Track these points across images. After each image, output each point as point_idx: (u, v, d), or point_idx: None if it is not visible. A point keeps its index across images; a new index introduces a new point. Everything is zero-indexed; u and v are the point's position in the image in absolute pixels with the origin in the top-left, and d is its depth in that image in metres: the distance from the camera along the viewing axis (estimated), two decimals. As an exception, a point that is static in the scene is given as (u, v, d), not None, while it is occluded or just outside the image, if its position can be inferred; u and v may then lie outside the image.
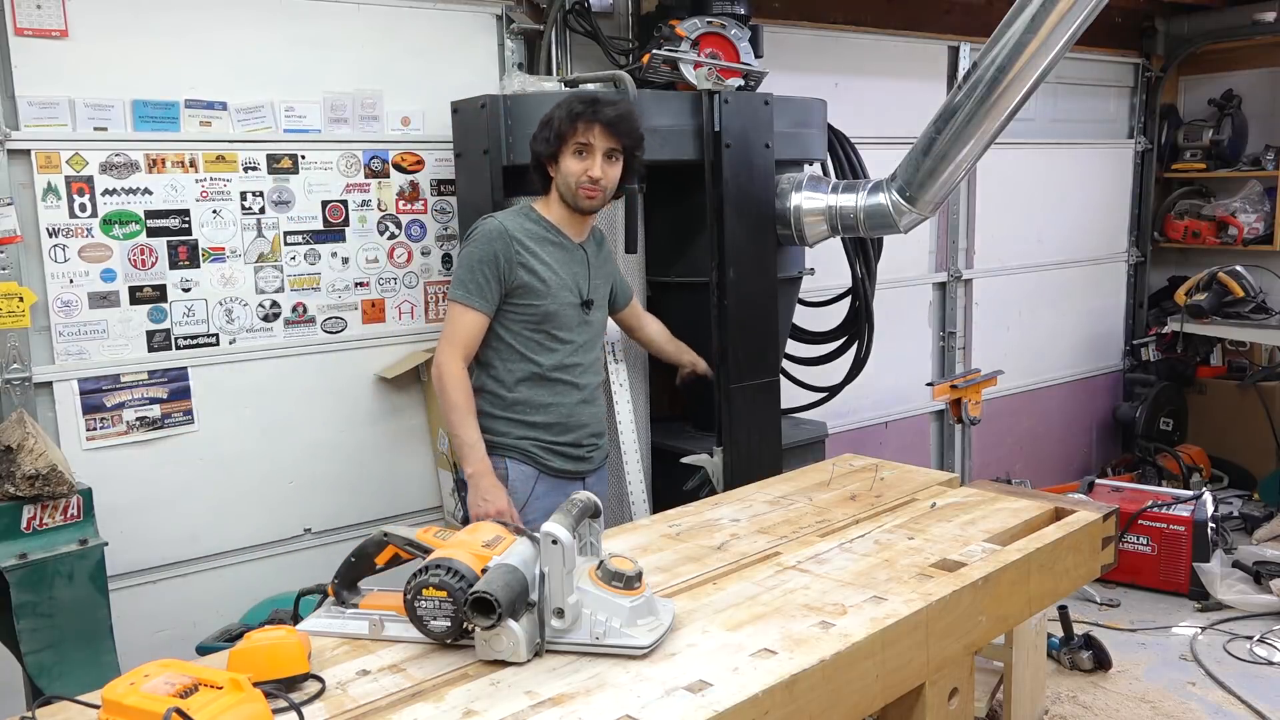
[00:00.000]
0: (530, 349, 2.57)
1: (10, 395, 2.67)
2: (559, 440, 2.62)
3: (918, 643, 1.69)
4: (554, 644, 1.55)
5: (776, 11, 4.05)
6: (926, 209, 3.17)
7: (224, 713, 1.25)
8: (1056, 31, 2.67)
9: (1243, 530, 4.83)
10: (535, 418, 2.59)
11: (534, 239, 2.55)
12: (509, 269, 2.50)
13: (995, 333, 5.20)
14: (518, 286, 2.52)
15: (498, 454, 2.57)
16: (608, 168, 2.52)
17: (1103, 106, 5.68)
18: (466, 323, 2.51)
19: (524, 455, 2.60)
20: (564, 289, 2.57)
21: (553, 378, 2.58)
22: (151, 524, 2.91)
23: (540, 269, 2.53)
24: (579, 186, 2.51)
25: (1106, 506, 2.25)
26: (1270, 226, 5.48)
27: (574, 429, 2.64)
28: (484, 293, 2.50)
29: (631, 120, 2.54)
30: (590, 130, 2.47)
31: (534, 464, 2.61)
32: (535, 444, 2.60)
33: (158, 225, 2.86)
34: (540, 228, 2.58)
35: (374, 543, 1.69)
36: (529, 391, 2.58)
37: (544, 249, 2.56)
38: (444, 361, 2.51)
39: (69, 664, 2.29)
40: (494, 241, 2.50)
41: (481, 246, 2.51)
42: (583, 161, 2.49)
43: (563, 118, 2.48)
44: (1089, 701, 3.39)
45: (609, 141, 2.49)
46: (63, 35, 2.69)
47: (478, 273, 2.50)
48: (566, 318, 2.58)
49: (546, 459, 2.62)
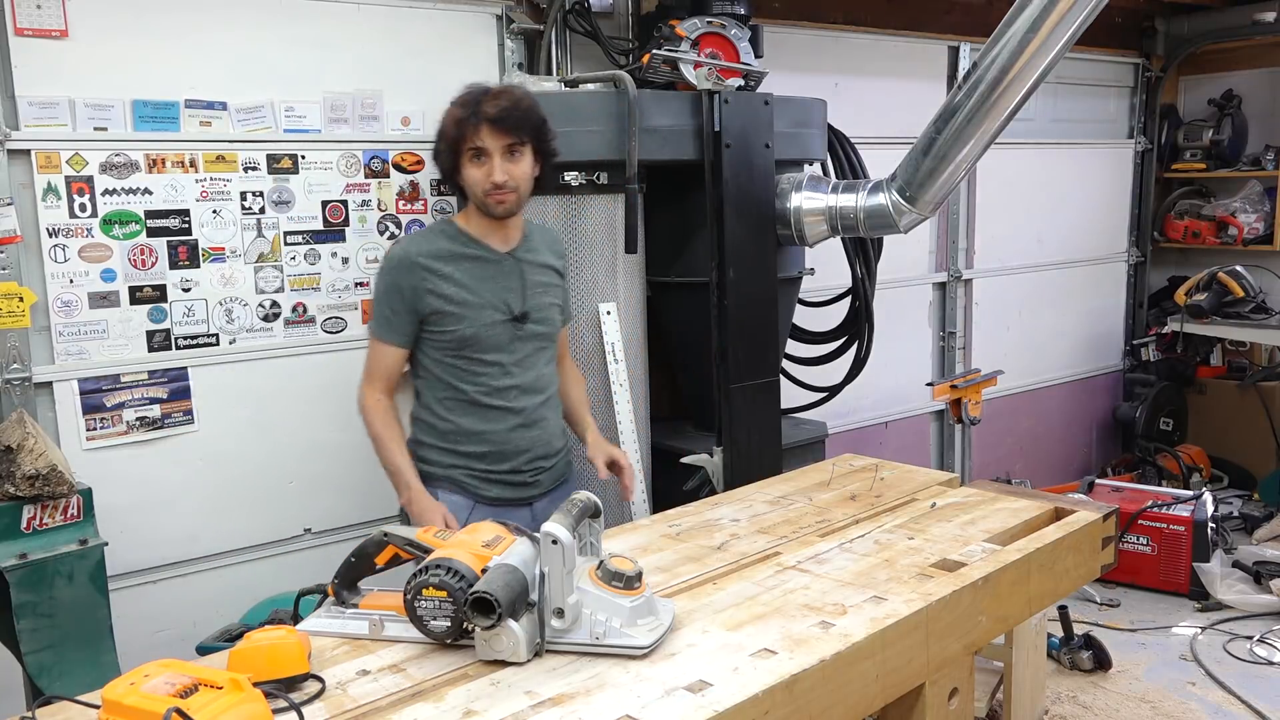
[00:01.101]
0: (454, 375, 2.39)
1: (10, 395, 2.67)
2: (495, 469, 2.44)
3: (918, 643, 1.69)
4: (554, 644, 1.55)
5: (776, 11, 4.05)
6: (926, 209, 3.17)
7: (224, 713, 1.25)
8: (1056, 31, 2.67)
9: (1243, 530, 4.83)
10: (467, 447, 2.42)
11: (446, 259, 2.36)
12: (415, 297, 2.34)
13: (995, 333, 5.20)
14: (431, 313, 2.35)
15: (431, 484, 2.41)
16: (511, 166, 2.31)
17: (1103, 106, 5.68)
18: (380, 357, 2.39)
19: (456, 485, 2.43)
20: (485, 308, 2.37)
21: (483, 403, 2.40)
22: (151, 524, 2.91)
23: (452, 291, 2.34)
24: (486, 194, 2.32)
25: (1106, 506, 2.25)
26: (1270, 226, 5.48)
27: (511, 456, 2.44)
28: (392, 325, 2.36)
29: (521, 109, 2.32)
30: (478, 133, 2.28)
31: (467, 493, 2.43)
32: (467, 473, 2.43)
33: (158, 225, 2.86)
34: (457, 244, 2.39)
35: (374, 543, 1.69)
36: (459, 419, 2.41)
37: (459, 267, 2.36)
38: (360, 397, 2.41)
39: (69, 664, 2.29)
40: (395, 271, 2.35)
41: (385, 278, 2.37)
42: (482, 167, 2.31)
43: (449, 125, 2.33)
44: (1089, 701, 3.39)
45: (503, 139, 2.29)
46: (63, 35, 2.69)
47: (384, 305, 2.37)
48: (491, 338, 2.38)
49: (481, 488, 2.44)
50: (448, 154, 2.34)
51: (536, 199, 2.98)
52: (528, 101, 2.35)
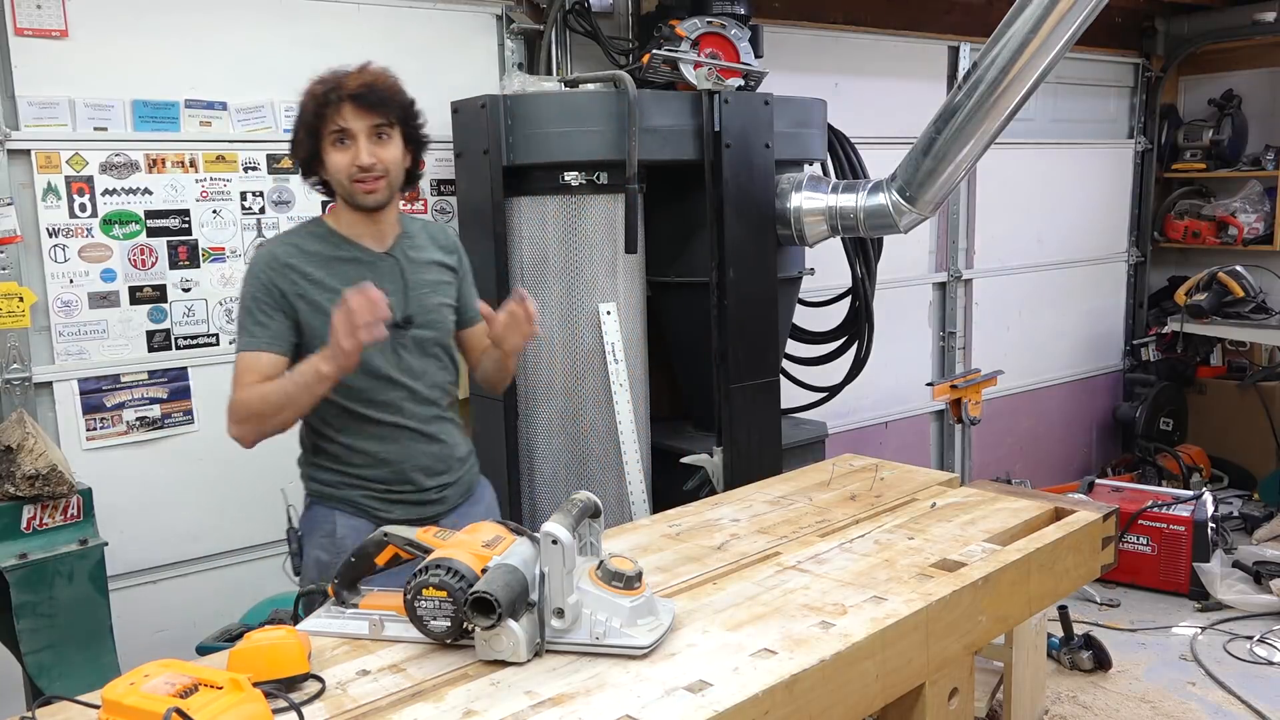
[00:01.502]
0: (339, 393, 2.08)
1: (10, 395, 2.67)
2: (395, 488, 2.18)
3: (918, 643, 1.69)
4: (554, 644, 1.55)
5: (776, 11, 4.05)
6: (926, 209, 3.17)
7: (224, 713, 1.25)
8: (1057, 31, 2.67)
9: (1243, 530, 4.83)
10: (361, 467, 2.17)
11: (316, 262, 2.10)
12: (287, 301, 2.07)
13: (995, 333, 5.20)
14: (305, 323, 2.09)
15: (326, 505, 2.19)
16: (379, 149, 2.07)
17: (1103, 106, 5.68)
18: (256, 365, 2.05)
19: (355, 507, 2.18)
20: None
21: (373, 419, 2.14)
22: (151, 524, 2.91)
23: (322, 298, 2.06)
24: (352, 181, 2.07)
25: (1106, 506, 2.25)
26: (1270, 226, 5.48)
27: (411, 473, 2.19)
28: (268, 330, 2.06)
29: (384, 86, 2.09)
30: (340, 112, 2.04)
31: (368, 516, 2.17)
32: (366, 494, 2.17)
33: (158, 225, 2.86)
34: (327, 245, 2.13)
35: (374, 543, 1.69)
36: (349, 438, 2.16)
37: (330, 271, 2.10)
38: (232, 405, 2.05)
39: (69, 664, 2.29)
40: (265, 273, 2.08)
41: (253, 282, 2.09)
42: (346, 151, 2.06)
43: (306, 106, 2.07)
44: (1089, 701, 3.39)
45: (368, 118, 2.05)
46: (63, 35, 2.69)
47: (255, 313, 2.07)
48: (374, 347, 2.03)
49: (382, 509, 2.18)
50: (307, 140, 2.08)
51: (536, 199, 2.99)
52: (392, 80, 2.12)
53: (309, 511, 2.25)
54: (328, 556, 2.15)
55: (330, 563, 2.10)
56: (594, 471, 3.09)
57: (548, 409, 3.08)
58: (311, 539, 2.21)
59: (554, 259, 3.02)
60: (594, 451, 3.09)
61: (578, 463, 3.09)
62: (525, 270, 3.03)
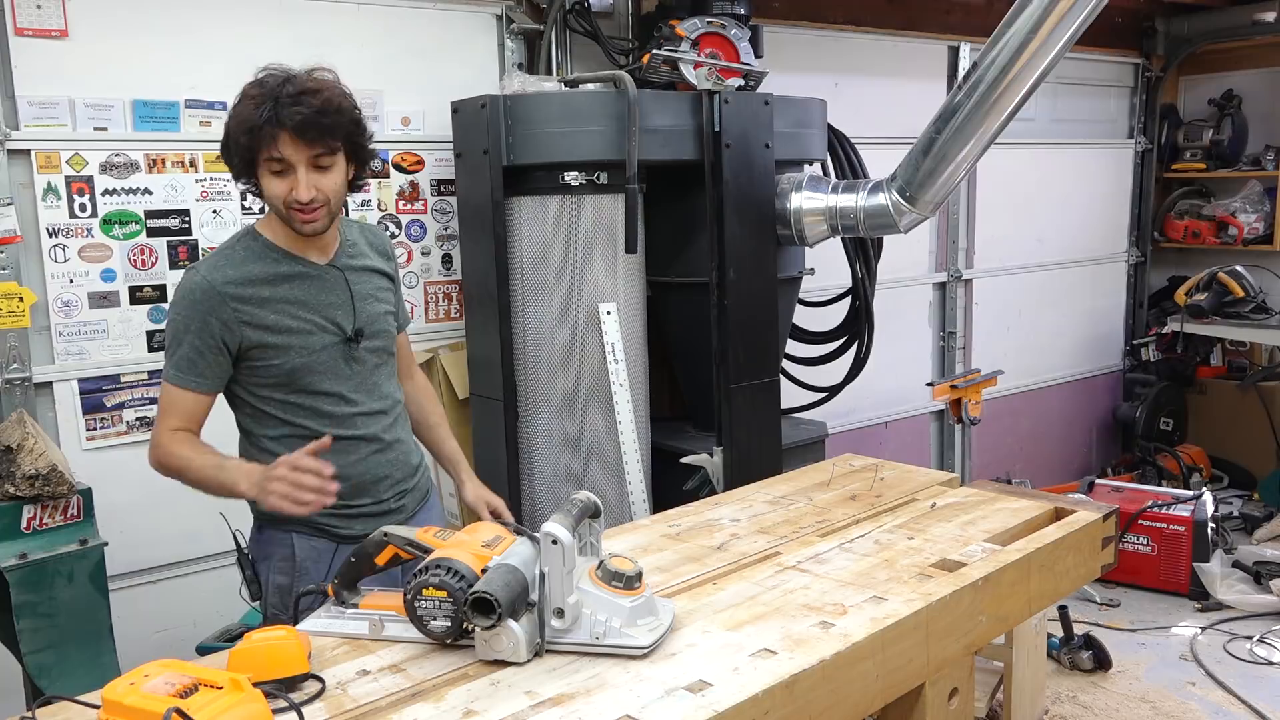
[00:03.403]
0: (287, 411, 2.02)
1: (10, 395, 2.67)
2: (354, 504, 2.07)
3: (918, 643, 1.69)
4: (554, 644, 1.55)
5: (776, 11, 4.05)
6: (926, 209, 3.17)
7: (224, 713, 1.25)
8: (1056, 31, 2.67)
9: (1243, 530, 4.83)
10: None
11: (260, 281, 1.96)
12: (227, 333, 1.93)
13: (995, 333, 5.20)
14: (250, 348, 1.96)
15: (282, 529, 2.05)
16: (320, 179, 1.91)
17: (1103, 106, 5.68)
18: (179, 404, 1.98)
19: (313, 529, 2.05)
20: (313, 332, 2.00)
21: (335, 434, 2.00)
22: (151, 524, 2.91)
23: (274, 319, 1.96)
24: (290, 209, 1.91)
25: (1106, 506, 2.25)
26: (1270, 226, 5.48)
27: (369, 486, 2.10)
28: (196, 367, 1.95)
29: (331, 110, 1.88)
30: (276, 142, 1.85)
31: (328, 535, 2.07)
32: (325, 514, 1.94)
33: (158, 225, 2.86)
34: (268, 262, 1.98)
35: (374, 543, 1.69)
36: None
37: (277, 289, 1.97)
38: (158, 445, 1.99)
39: (69, 664, 2.29)
40: (199, 305, 1.92)
41: (184, 313, 1.93)
42: (284, 180, 1.89)
43: (237, 130, 1.88)
44: (1089, 701, 3.39)
45: (309, 150, 1.88)
46: (63, 35, 2.69)
47: (184, 346, 1.94)
48: (324, 364, 2.01)
49: (342, 527, 2.07)
50: (241, 163, 1.92)
51: (536, 199, 2.99)
52: (338, 98, 1.91)
53: (260, 535, 2.13)
54: (287, 580, 2.07)
55: (290, 586, 2.05)
56: (594, 471, 3.09)
57: (548, 409, 3.08)
58: (269, 563, 2.10)
59: (554, 259, 3.02)
60: (594, 451, 3.09)
61: (578, 463, 3.09)
62: (525, 270, 3.03)
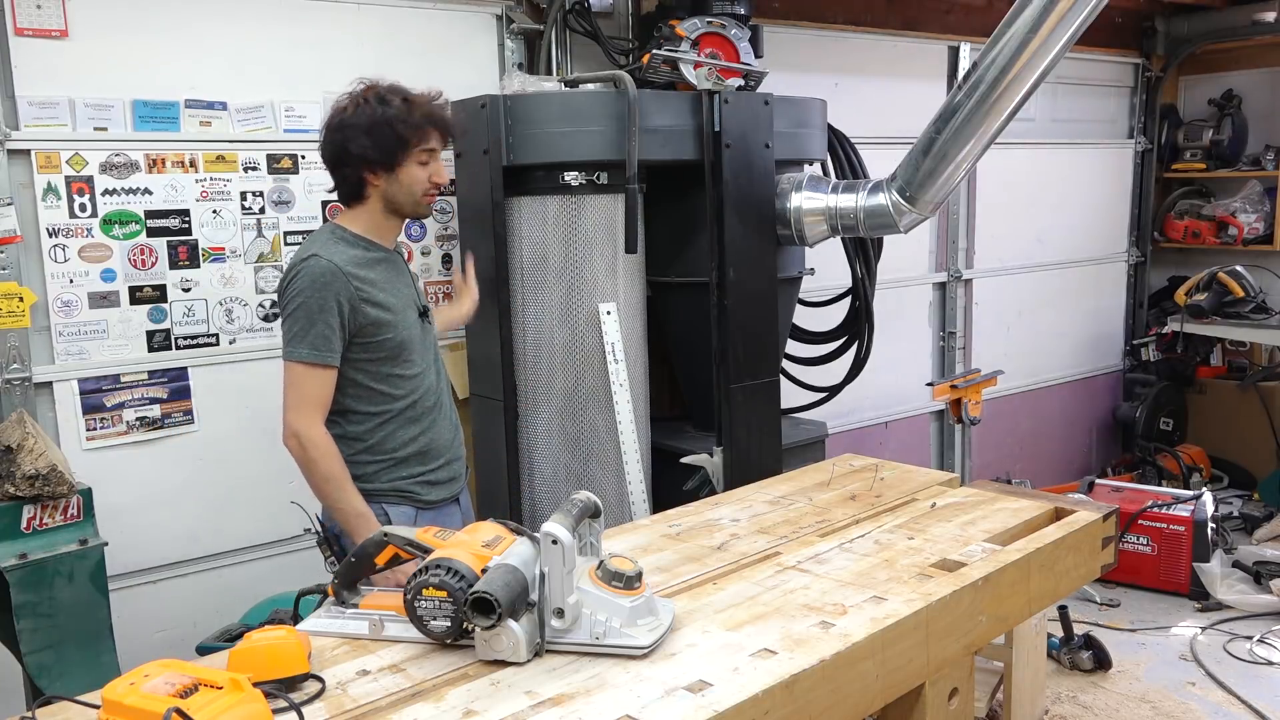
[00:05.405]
0: (387, 384, 2.29)
1: (10, 395, 2.67)
2: (430, 468, 2.37)
3: (918, 643, 1.69)
4: (554, 644, 1.55)
5: (776, 11, 4.05)
6: (926, 209, 3.17)
7: (224, 713, 1.25)
8: (1056, 31, 2.67)
9: (1243, 530, 4.83)
10: (408, 456, 2.33)
11: (364, 265, 2.25)
12: (353, 313, 2.21)
13: (995, 333, 5.20)
14: (366, 325, 2.23)
15: (375, 501, 2.28)
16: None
17: (1103, 106, 5.68)
18: (321, 384, 2.20)
19: (401, 496, 2.34)
20: (407, 309, 2.32)
21: (417, 407, 2.34)
22: (151, 524, 2.91)
23: (383, 297, 2.26)
24: (425, 194, 2.30)
25: (1106, 506, 2.25)
26: (1270, 226, 5.48)
27: (443, 451, 2.41)
28: (331, 345, 2.19)
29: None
30: (433, 135, 2.28)
31: (412, 502, 2.35)
32: (412, 481, 2.34)
33: (158, 225, 2.86)
34: (362, 249, 2.28)
35: (374, 543, 1.69)
36: (394, 427, 2.31)
37: (377, 272, 2.28)
38: (304, 429, 2.19)
39: (69, 664, 2.29)
40: (331, 286, 2.18)
41: (317, 294, 2.17)
42: (426, 168, 2.28)
43: (404, 124, 2.22)
44: (1089, 701, 3.39)
45: (445, 142, 2.35)
46: (63, 35, 2.69)
47: (320, 324, 2.17)
48: (416, 338, 2.34)
49: (424, 493, 2.36)
50: (393, 151, 2.23)
51: (536, 199, 3.00)
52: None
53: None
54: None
55: None
56: (594, 471, 3.09)
57: (548, 409, 3.08)
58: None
59: (554, 259, 3.02)
60: (594, 451, 3.09)
61: (578, 463, 3.09)
62: (525, 270, 3.03)
